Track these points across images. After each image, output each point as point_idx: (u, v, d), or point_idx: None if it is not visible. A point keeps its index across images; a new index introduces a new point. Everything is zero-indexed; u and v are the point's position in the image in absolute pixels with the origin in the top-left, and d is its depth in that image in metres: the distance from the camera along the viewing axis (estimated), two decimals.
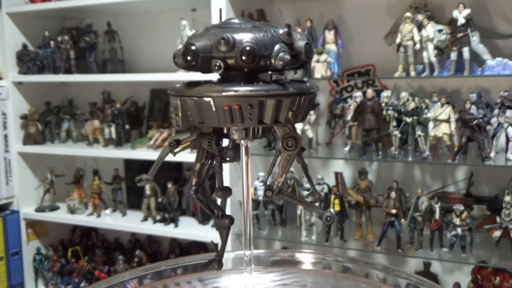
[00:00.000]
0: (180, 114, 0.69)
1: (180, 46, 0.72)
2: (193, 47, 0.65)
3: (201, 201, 0.76)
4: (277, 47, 0.66)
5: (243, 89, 0.65)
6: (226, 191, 0.85)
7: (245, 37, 0.66)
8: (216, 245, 0.79)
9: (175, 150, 0.75)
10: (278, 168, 0.74)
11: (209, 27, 0.69)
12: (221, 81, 0.69)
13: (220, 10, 0.97)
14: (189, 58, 0.66)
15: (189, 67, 0.67)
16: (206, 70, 0.67)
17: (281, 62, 0.65)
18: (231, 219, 0.78)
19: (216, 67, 0.65)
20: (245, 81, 0.66)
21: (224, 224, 0.77)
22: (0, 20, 2.60)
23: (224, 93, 0.65)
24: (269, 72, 0.69)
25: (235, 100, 0.66)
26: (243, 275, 0.84)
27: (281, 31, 0.67)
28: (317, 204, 0.82)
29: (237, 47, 0.65)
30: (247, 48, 0.64)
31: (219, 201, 0.87)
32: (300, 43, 0.69)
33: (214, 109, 0.67)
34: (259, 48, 0.65)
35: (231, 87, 0.65)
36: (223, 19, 0.72)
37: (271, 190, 0.73)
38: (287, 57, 0.65)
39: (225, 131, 0.75)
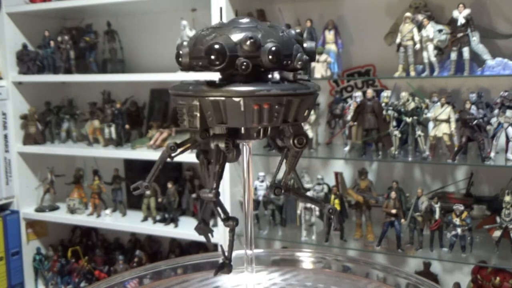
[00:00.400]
0: (198, 115, 0.67)
1: (185, 45, 0.69)
2: (217, 46, 0.64)
3: (215, 203, 0.75)
4: (295, 47, 0.67)
5: (274, 89, 0.66)
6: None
7: (268, 37, 0.66)
8: (223, 248, 0.78)
9: (173, 154, 0.74)
10: (286, 165, 0.74)
11: (218, 26, 0.68)
12: (228, 81, 0.68)
13: (221, 9, 0.97)
14: (213, 57, 0.64)
15: (209, 67, 0.65)
16: (226, 69, 0.65)
17: (300, 62, 0.66)
18: (236, 221, 0.78)
19: (244, 67, 0.65)
20: (250, 81, 0.66)
21: (230, 226, 0.77)
22: (0, 20, 2.60)
23: (256, 93, 0.65)
24: (292, 72, 0.69)
25: (265, 100, 0.66)
26: (244, 274, 0.84)
27: (293, 32, 0.68)
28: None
29: (263, 47, 0.65)
30: (273, 48, 0.65)
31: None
32: (310, 44, 0.70)
33: (242, 109, 0.66)
34: (282, 48, 0.66)
35: (260, 86, 0.66)
36: (224, 18, 0.72)
37: (280, 188, 0.73)
38: (306, 57, 0.67)
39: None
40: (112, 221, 2.53)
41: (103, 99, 2.68)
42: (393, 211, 1.96)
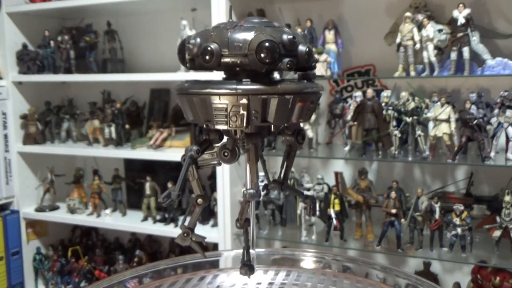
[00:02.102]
0: (245, 114, 0.66)
1: (202, 42, 0.68)
2: (268, 44, 0.64)
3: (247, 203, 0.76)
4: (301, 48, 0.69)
5: (314, 87, 0.69)
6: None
7: (296, 37, 0.68)
8: (243, 251, 0.78)
9: (199, 159, 0.73)
10: (287, 162, 0.75)
11: (239, 24, 0.68)
12: (236, 80, 0.68)
13: (231, 7, 0.97)
14: (263, 55, 0.64)
15: (265, 66, 0.65)
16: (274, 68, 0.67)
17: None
18: (249, 222, 0.79)
19: (289, 65, 0.65)
20: (255, 80, 0.67)
21: (245, 227, 0.78)
22: (0, 20, 2.60)
23: (304, 90, 0.67)
24: (313, 72, 0.72)
25: (308, 97, 0.68)
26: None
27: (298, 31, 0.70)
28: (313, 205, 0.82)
29: (297, 46, 0.67)
30: (307, 49, 0.67)
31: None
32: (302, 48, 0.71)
33: (289, 106, 0.67)
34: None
35: (306, 84, 0.68)
36: (225, 18, 0.72)
37: (284, 183, 0.75)
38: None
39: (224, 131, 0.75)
40: (112, 221, 2.53)
41: (103, 99, 2.68)
42: (393, 211, 1.96)
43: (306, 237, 2.14)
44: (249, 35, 0.66)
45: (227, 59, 0.66)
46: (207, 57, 0.66)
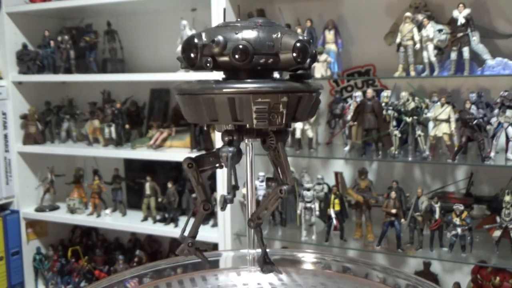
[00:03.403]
0: (284, 112, 0.67)
1: (202, 41, 0.68)
2: (299, 44, 0.66)
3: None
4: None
5: (318, 85, 0.73)
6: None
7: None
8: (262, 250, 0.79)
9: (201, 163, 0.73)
10: (283, 163, 0.74)
11: (257, 24, 0.68)
12: (236, 79, 0.70)
13: (224, 10, 0.97)
14: (295, 55, 0.66)
15: (297, 64, 0.67)
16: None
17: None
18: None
19: (308, 65, 0.70)
20: (265, 78, 0.69)
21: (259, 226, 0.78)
22: (0, 20, 2.60)
23: (319, 88, 0.72)
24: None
25: (319, 94, 0.73)
26: (244, 274, 0.84)
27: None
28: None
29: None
30: (314, 51, 0.71)
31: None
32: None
33: (312, 102, 0.70)
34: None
35: (315, 82, 0.72)
36: (226, 19, 0.72)
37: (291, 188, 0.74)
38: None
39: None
40: (112, 221, 2.53)
41: (103, 99, 2.68)
42: (393, 211, 1.96)
43: (306, 237, 2.14)
44: (278, 35, 0.67)
45: (257, 58, 0.67)
46: (237, 56, 0.66)
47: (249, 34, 0.67)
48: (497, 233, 1.85)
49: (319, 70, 2.08)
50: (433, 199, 1.95)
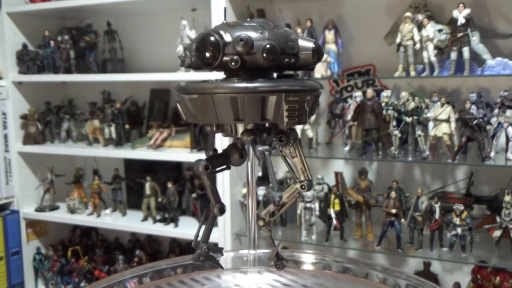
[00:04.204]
0: (308, 109, 0.70)
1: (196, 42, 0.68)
2: (315, 45, 0.70)
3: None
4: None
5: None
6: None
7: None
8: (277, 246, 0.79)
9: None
10: (302, 159, 0.75)
11: (271, 25, 0.69)
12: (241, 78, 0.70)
13: (225, 9, 0.97)
14: (321, 56, 0.71)
15: (311, 65, 0.71)
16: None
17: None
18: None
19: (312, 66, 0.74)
20: (264, 77, 0.70)
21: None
22: (0, 20, 2.60)
23: (320, 86, 0.74)
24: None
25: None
26: (243, 274, 0.84)
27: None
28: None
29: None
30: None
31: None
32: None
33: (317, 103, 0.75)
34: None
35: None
36: (226, 19, 0.72)
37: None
38: None
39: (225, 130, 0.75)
40: (112, 221, 2.53)
41: (103, 99, 2.68)
42: (393, 211, 1.96)
43: (306, 237, 2.14)
44: (294, 36, 0.71)
45: (281, 58, 0.69)
46: (265, 55, 0.66)
47: (272, 34, 0.68)
48: (497, 233, 1.85)
49: (319, 70, 2.08)
50: (433, 199, 1.95)
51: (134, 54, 2.73)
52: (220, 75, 0.75)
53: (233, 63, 0.66)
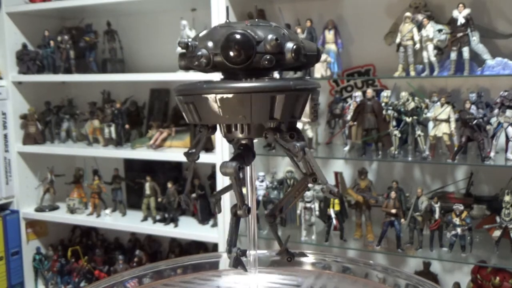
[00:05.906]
0: (317, 108, 0.72)
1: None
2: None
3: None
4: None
5: None
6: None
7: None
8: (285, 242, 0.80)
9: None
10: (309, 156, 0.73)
11: (258, 24, 0.69)
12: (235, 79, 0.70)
13: (227, 8, 0.97)
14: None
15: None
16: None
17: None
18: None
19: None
20: (264, 77, 0.71)
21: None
22: (0, 20, 2.60)
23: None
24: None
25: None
26: (243, 275, 0.84)
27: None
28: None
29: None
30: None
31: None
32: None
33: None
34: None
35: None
36: (226, 18, 0.73)
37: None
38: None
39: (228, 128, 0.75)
40: (112, 221, 2.53)
41: (103, 99, 2.68)
42: (393, 211, 1.96)
43: (306, 237, 2.14)
44: (299, 37, 0.73)
45: (302, 58, 0.70)
46: (294, 55, 0.67)
47: (293, 35, 0.70)
48: (497, 233, 1.85)
49: (319, 70, 2.08)
50: (433, 199, 1.95)
51: (134, 54, 2.73)
52: (210, 76, 0.75)
53: (266, 62, 0.66)
